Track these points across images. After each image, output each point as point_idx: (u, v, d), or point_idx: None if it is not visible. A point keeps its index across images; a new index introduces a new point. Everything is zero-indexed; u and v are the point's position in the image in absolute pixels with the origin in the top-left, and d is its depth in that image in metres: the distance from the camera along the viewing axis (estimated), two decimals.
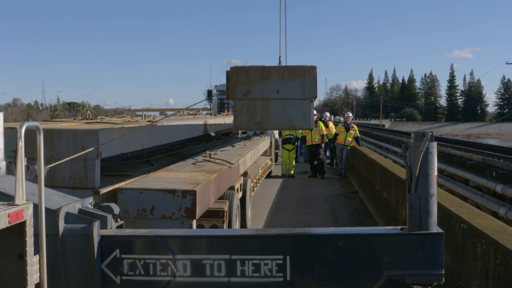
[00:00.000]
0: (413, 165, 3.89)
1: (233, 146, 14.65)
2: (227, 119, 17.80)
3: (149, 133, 9.11)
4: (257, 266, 4.00)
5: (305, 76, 4.35)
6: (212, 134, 17.22)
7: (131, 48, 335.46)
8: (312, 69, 4.39)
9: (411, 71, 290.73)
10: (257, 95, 4.33)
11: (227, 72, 4.34)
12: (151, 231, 4.37)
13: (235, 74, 4.23)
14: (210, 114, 20.95)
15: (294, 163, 25.25)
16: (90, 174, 7.10)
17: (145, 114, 10.43)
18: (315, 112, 28.54)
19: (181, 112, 16.55)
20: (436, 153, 3.98)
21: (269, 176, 23.69)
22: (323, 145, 25.27)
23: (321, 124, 25.03)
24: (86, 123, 8.89)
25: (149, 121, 9.65)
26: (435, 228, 3.98)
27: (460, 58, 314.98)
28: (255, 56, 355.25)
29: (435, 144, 3.95)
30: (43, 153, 3.67)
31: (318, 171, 24.99)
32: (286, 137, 24.87)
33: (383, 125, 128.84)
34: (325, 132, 25.32)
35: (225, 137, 18.81)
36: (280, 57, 6.78)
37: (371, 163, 18.79)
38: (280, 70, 4.35)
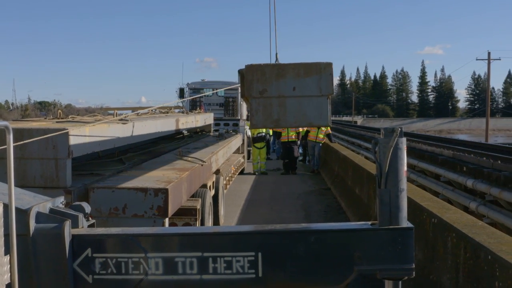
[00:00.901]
0: (383, 161, 3.92)
1: (206, 144, 14.63)
2: (199, 117, 17.79)
3: (121, 132, 9.07)
4: (229, 263, 4.01)
5: (321, 73, 4.32)
6: (185, 132, 17.20)
7: (103, 46, 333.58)
8: (328, 66, 4.36)
9: (383, 67, 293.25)
10: (273, 93, 4.27)
11: (242, 70, 4.30)
12: (123, 229, 4.36)
13: (250, 72, 4.17)
14: (183, 112, 20.90)
15: (265, 160, 25.30)
16: (61, 174, 7.05)
17: (116, 113, 10.36)
18: None
19: (153, 110, 16.50)
20: (405, 148, 4.02)
21: (242, 173, 23.73)
22: (298, 142, 25.45)
23: None
24: (57, 122, 8.82)
25: (121, 119, 9.61)
26: (405, 223, 4.01)
27: (431, 54, 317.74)
28: (227, 53, 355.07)
29: (404, 139, 3.99)
30: (13, 153, 3.65)
31: (291, 168, 25.12)
32: (257, 135, 24.89)
33: (355, 122, 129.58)
34: (300, 130, 25.45)
35: (197, 135, 18.77)
36: (277, 54, 6.77)
37: (343, 159, 18.87)
38: (296, 67, 4.31)
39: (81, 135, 7.40)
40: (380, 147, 3.96)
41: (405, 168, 3.99)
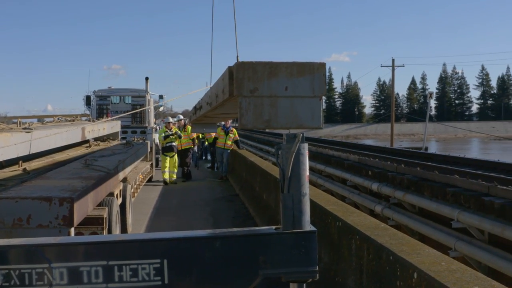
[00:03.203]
0: (286, 166, 3.98)
1: (112, 152, 14.49)
2: (106, 125, 17.61)
3: (24, 141, 8.91)
4: (135, 270, 3.99)
5: (315, 73, 4.20)
6: (91, 140, 17.00)
7: (9, 53, 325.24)
8: (322, 66, 4.24)
9: None
10: (265, 92, 4.12)
11: (231, 67, 4.13)
12: (27, 240, 4.29)
13: (241, 70, 3.99)
14: (89, 120, 20.65)
15: (175, 169, 25.07)
16: None
17: (20, 121, 10.17)
18: (181, 116, 28.67)
19: (59, 118, 16.25)
20: (308, 153, 4.09)
21: (150, 181, 23.59)
22: (193, 148, 25.57)
23: (190, 127, 25.23)
24: None
25: (25, 128, 9.44)
26: (308, 227, 4.07)
27: (338, 61, 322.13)
28: (135, 61, 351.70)
29: (306, 145, 4.05)
30: None
31: (186, 175, 25.20)
32: (167, 145, 24.65)
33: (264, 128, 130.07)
34: (194, 136, 25.64)
35: (104, 143, 18.58)
36: (237, 56, 6.74)
37: (251, 165, 18.98)
38: (289, 67, 4.16)
39: None
40: (282, 152, 4.02)
41: (307, 173, 4.06)
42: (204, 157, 36.75)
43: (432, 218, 13.24)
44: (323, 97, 4.33)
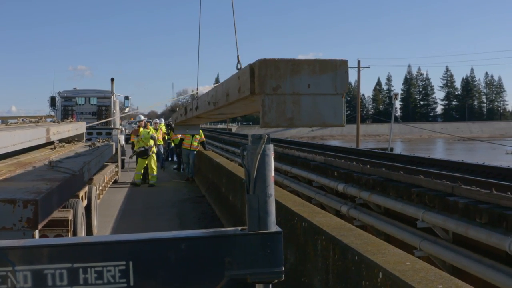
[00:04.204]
0: (251, 167, 3.98)
1: (78, 154, 14.38)
2: (71, 126, 17.48)
3: None
4: (100, 273, 3.97)
5: (337, 70, 4.11)
6: (56, 141, 16.85)
7: None
8: (344, 63, 4.15)
9: None
10: (288, 90, 4.01)
11: (252, 64, 4.02)
12: None
13: (263, 67, 3.88)
14: (54, 122, 20.48)
15: (155, 172, 24.74)
16: None
17: None
18: (142, 117, 28.59)
19: (23, 119, 16.10)
20: (273, 154, 4.10)
21: (115, 182, 23.47)
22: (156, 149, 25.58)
23: (151, 128, 25.24)
24: None
25: None
26: (274, 227, 4.08)
27: None
28: (101, 62, 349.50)
29: (271, 146, 4.06)
30: None
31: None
32: (140, 149, 24.35)
33: (230, 129, 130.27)
34: (160, 136, 25.71)
35: (69, 144, 18.43)
36: (238, 56, 6.70)
37: (217, 167, 18.97)
38: (311, 64, 4.06)
39: None
40: (248, 153, 4.02)
41: (273, 173, 4.07)
42: (170, 159, 36.66)
43: (397, 218, 13.33)
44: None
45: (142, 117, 30.05)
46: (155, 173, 24.62)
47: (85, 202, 11.82)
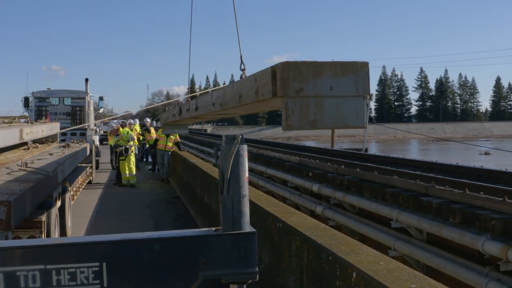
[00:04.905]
0: (225, 168, 3.99)
1: (51, 154, 14.30)
2: (45, 126, 17.37)
3: None
4: (73, 274, 3.95)
5: (358, 72, 4.09)
6: (30, 142, 16.73)
7: None
8: (365, 65, 4.13)
9: (232, 75, 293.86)
10: (310, 92, 3.98)
11: (274, 67, 4.00)
12: None
13: (286, 70, 3.85)
14: (27, 122, 20.33)
15: (134, 172, 24.67)
16: None
17: None
18: (148, 120, 28.62)
19: None
20: (247, 155, 4.10)
21: (90, 183, 23.36)
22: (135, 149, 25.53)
23: (121, 129, 25.21)
24: None
25: None
26: (248, 228, 4.09)
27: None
28: (76, 62, 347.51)
29: (245, 146, 4.06)
30: None
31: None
32: (120, 148, 24.28)
33: (205, 130, 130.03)
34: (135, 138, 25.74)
35: (43, 145, 18.31)
36: (241, 56, 6.69)
37: (192, 167, 18.95)
38: (333, 66, 4.04)
39: None
40: (222, 154, 4.02)
41: (247, 174, 4.08)
42: (145, 159, 36.58)
43: (372, 218, 13.37)
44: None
45: (149, 120, 30.46)
46: (134, 172, 24.56)
47: (59, 203, 11.75)
